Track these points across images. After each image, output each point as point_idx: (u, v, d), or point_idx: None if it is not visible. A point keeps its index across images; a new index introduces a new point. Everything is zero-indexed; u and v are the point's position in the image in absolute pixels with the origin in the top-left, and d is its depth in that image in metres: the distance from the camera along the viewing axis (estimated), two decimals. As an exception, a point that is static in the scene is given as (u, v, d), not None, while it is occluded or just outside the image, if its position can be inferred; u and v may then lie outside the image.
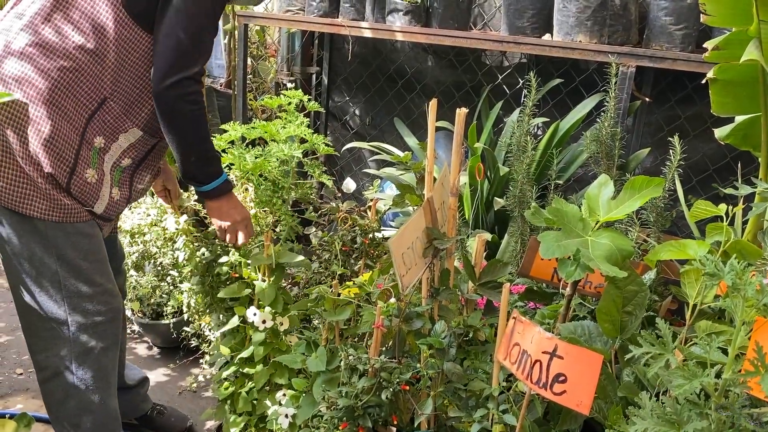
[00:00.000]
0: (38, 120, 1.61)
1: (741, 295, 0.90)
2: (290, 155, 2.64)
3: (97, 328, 1.78)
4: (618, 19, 2.57)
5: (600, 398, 1.39)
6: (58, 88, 1.62)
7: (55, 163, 1.63)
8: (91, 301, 1.76)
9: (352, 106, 3.90)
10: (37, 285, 1.72)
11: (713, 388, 0.93)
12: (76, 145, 1.67)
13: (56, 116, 1.62)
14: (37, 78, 1.61)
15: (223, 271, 1.93)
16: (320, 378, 1.64)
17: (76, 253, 1.71)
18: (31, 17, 1.62)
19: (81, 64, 1.63)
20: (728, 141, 1.89)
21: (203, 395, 2.60)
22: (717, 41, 1.74)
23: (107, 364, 1.84)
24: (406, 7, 2.97)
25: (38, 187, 1.63)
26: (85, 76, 1.65)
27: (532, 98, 2.40)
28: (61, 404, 1.82)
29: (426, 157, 1.58)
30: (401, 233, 1.40)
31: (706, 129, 2.77)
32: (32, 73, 1.61)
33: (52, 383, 1.81)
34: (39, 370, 1.82)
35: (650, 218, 2.02)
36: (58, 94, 1.62)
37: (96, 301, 1.77)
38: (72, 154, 1.66)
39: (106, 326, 1.80)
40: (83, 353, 1.78)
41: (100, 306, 1.77)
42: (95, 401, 1.83)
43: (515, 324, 1.33)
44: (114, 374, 1.90)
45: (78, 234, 1.71)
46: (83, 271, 1.73)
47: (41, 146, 1.61)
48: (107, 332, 1.81)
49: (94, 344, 1.78)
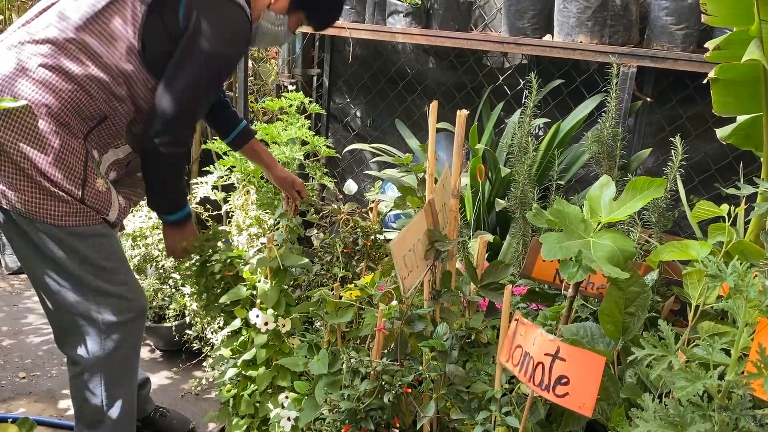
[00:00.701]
0: (48, 135, 1.64)
1: (743, 297, 0.89)
2: (291, 157, 2.65)
3: (127, 326, 1.84)
4: (619, 19, 2.56)
5: (603, 400, 1.38)
6: (68, 109, 1.66)
7: (68, 176, 1.67)
8: (118, 299, 1.81)
9: (353, 107, 3.90)
10: (64, 288, 1.76)
11: (716, 390, 0.93)
12: (83, 158, 1.70)
13: (63, 132, 1.66)
14: (50, 98, 1.64)
15: (216, 270, 1.94)
16: (322, 381, 1.63)
17: (97, 254, 1.75)
18: (49, 42, 1.65)
19: (91, 91, 1.68)
20: (730, 141, 1.89)
21: (205, 398, 2.60)
22: (718, 41, 1.74)
23: (133, 360, 1.93)
24: (406, 8, 2.97)
25: (53, 194, 1.66)
26: (93, 100, 1.69)
27: (533, 99, 2.40)
28: (87, 401, 1.87)
29: (427, 158, 1.58)
30: (403, 235, 1.39)
31: (707, 129, 2.77)
32: (46, 95, 1.64)
33: (81, 379, 1.86)
34: (71, 364, 1.88)
35: (652, 219, 2.01)
36: (66, 113, 1.66)
37: (123, 299, 1.82)
38: (81, 167, 1.70)
39: (134, 323, 1.87)
40: (113, 350, 1.83)
41: (128, 303, 1.83)
42: (119, 398, 1.89)
43: (517, 326, 1.33)
44: (136, 372, 1.99)
45: (96, 236, 1.75)
46: (107, 270, 1.78)
47: (53, 160, 1.64)
48: (135, 329, 1.89)
49: (122, 341, 1.84)
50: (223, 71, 1.82)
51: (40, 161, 1.63)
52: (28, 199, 1.65)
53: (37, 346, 2.90)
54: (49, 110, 1.63)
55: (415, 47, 3.54)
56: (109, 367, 1.85)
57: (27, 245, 1.72)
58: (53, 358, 2.81)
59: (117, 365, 1.86)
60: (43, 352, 2.86)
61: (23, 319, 3.13)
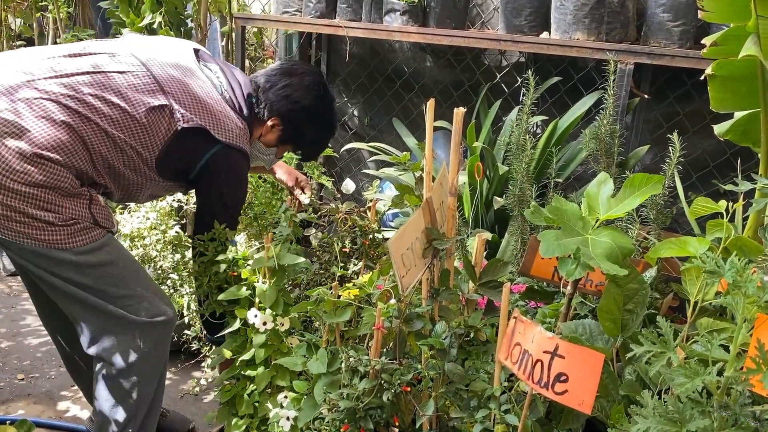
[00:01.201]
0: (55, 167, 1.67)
1: (742, 293, 0.89)
2: (289, 157, 2.64)
3: (164, 326, 1.87)
4: (616, 16, 2.56)
5: (602, 397, 1.38)
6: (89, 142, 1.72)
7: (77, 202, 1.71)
8: (152, 300, 1.84)
9: (350, 106, 3.90)
10: (87, 303, 1.77)
11: (715, 386, 0.93)
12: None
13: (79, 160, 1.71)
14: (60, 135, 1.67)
15: (221, 270, 1.94)
16: (321, 380, 1.63)
17: (112, 264, 1.78)
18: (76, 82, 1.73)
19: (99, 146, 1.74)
20: (728, 137, 1.88)
21: (205, 399, 2.59)
22: (715, 37, 1.73)
23: (164, 362, 1.96)
24: (403, 7, 2.97)
25: (51, 222, 1.66)
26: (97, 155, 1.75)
27: (531, 97, 2.40)
28: (117, 403, 1.88)
29: (425, 157, 1.58)
30: (400, 234, 1.39)
31: (705, 125, 2.77)
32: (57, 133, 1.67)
33: (112, 382, 1.87)
34: (101, 368, 1.88)
35: (650, 216, 2.01)
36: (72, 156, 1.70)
37: (157, 299, 1.86)
38: (85, 188, 1.75)
39: (169, 325, 1.90)
40: (147, 352, 1.85)
41: (161, 304, 1.87)
42: (151, 398, 1.92)
43: (516, 324, 1.33)
44: (165, 372, 2.01)
45: (104, 247, 1.77)
46: (130, 275, 1.82)
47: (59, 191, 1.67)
48: (168, 330, 1.92)
49: (157, 343, 1.88)
50: (238, 210, 2.05)
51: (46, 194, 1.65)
52: (28, 231, 1.65)
53: (35, 348, 2.90)
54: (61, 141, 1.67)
55: (413, 45, 3.54)
56: (141, 368, 1.86)
57: (39, 274, 1.74)
58: (52, 360, 2.80)
59: (148, 366, 1.88)
60: (42, 354, 2.85)
61: (21, 321, 3.12)
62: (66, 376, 2.68)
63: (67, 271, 1.72)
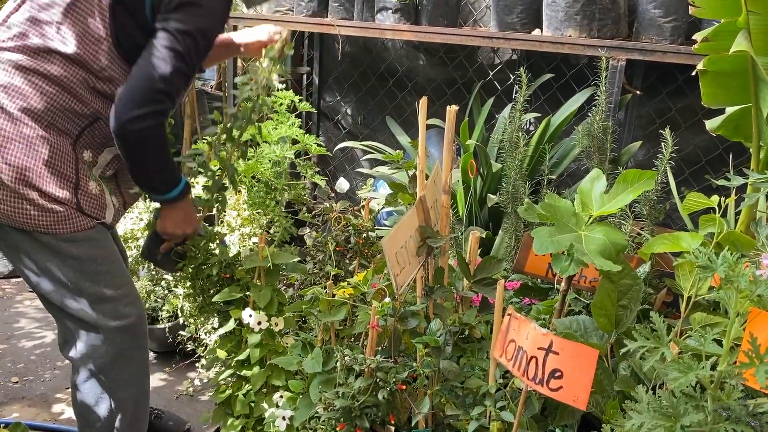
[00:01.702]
0: (35, 142, 1.61)
1: (734, 287, 0.90)
2: (282, 156, 2.64)
3: (128, 330, 1.82)
4: (607, 12, 2.57)
5: (597, 393, 1.39)
6: (53, 111, 1.63)
7: (60, 182, 1.65)
8: (117, 303, 1.79)
9: (343, 105, 3.89)
10: (63, 296, 1.74)
11: (709, 381, 0.93)
12: (73, 161, 1.68)
13: (52, 136, 1.64)
14: (33, 103, 1.61)
15: (214, 273, 1.93)
16: (317, 379, 1.63)
17: (91, 260, 1.73)
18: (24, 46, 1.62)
19: (74, 91, 1.64)
20: (719, 132, 1.89)
21: (200, 399, 2.59)
22: (706, 33, 1.74)
23: (139, 364, 1.90)
24: (395, 5, 2.97)
25: (43, 204, 1.63)
26: (79, 100, 1.66)
27: (523, 94, 2.40)
28: (93, 408, 1.85)
29: (418, 155, 1.58)
30: (394, 233, 1.39)
31: (697, 121, 2.77)
32: (29, 100, 1.61)
33: (85, 386, 1.84)
34: (74, 372, 1.86)
35: (644, 211, 2.02)
36: (52, 116, 1.63)
37: (122, 303, 1.80)
38: (72, 171, 1.68)
39: (135, 328, 1.84)
40: (117, 355, 1.81)
41: (127, 308, 1.81)
42: (128, 403, 1.88)
43: (510, 321, 1.33)
44: (146, 376, 1.95)
45: (89, 241, 1.72)
46: (103, 275, 1.75)
47: (43, 169, 1.62)
48: (138, 333, 1.86)
49: (125, 345, 1.82)
50: (207, 25, 1.67)
51: (28, 171, 1.60)
52: (14, 210, 1.62)
53: (29, 351, 2.88)
54: (34, 115, 1.61)
55: (405, 44, 3.53)
56: (113, 373, 1.83)
57: (21, 256, 1.70)
58: (46, 363, 2.79)
59: (122, 370, 1.84)
60: (36, 357, 2.84)
61: (15, 324, 3.11)
62: (60, 378, 2.67)
63: (48, 260, 1.69)
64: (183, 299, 2.47)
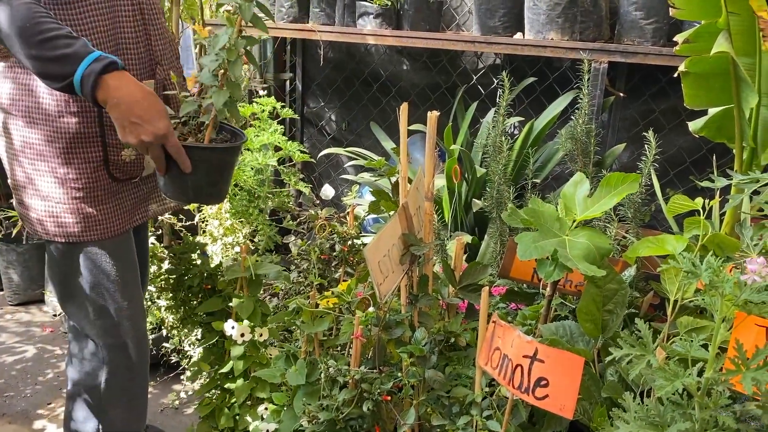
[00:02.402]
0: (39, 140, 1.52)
1: (719, 293, 0.88)
2: (264, 164, 2.61)
3: (126, 348, 1.75)
4: (589, 15, 2.56)
5: (584, 399, 1.37)
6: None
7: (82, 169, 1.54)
8: (118, 322, 1.71)
9: (327, 111, 3.87)
10: (71, 306, 1.70)
11: (695, 388, 0.92)
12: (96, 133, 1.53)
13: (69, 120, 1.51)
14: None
15: (195, 284, 1.89)
16: (301, 391, 1.60)
17: (103, 274, 1.65)
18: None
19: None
20: (702, 133, 1.89)
21: (185, 412, 2.55)
22: (687, 34, 1.73)
23: (137, 387, 1.83)
24: (376, 10, 2.95)
25: (65, 209, 1.57)
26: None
27: (506, 98, 2.39)
28: (81, 424, 1.80)
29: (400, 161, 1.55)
30: (377, 241, 1.37)
31: (681, 122, 2.78)
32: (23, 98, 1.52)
33: (80, 402, 1.79)
34: (71, 386, 1.81)
35: (628, 214, 2.01)
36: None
37: (123, 321, 1.71)
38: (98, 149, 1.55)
39: (135, 348, 1.76)
40: (114, 373, 1.75)
41: (127, 327, 1.73)
42: (117, 423, 1.82)
43: (495, 328, 1.31)
44: (144, 397, 1.88)
45: (105, 252, 1.63)
46: (110, 292, 1.67)
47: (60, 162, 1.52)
48: (138, 352, 1.78)
49: (126, 364, 1.76)
50: None
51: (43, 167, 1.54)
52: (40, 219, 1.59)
53: (10, 366, 2.83)
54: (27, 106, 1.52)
55: (388, 49, 3.52)
56: (107, 392, 1.77)
57: (46, 262, 1.68)
58: (27, 378, 2.74)
59: (117, 388, 1.78)
60: (17, 372, 2.79)
61: (-4, 339, 3.06)
62: (42, 394, 2.62)
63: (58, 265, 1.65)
64: (165, 311, 2.43)
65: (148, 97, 1.36)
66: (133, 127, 1.35)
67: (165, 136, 1.37)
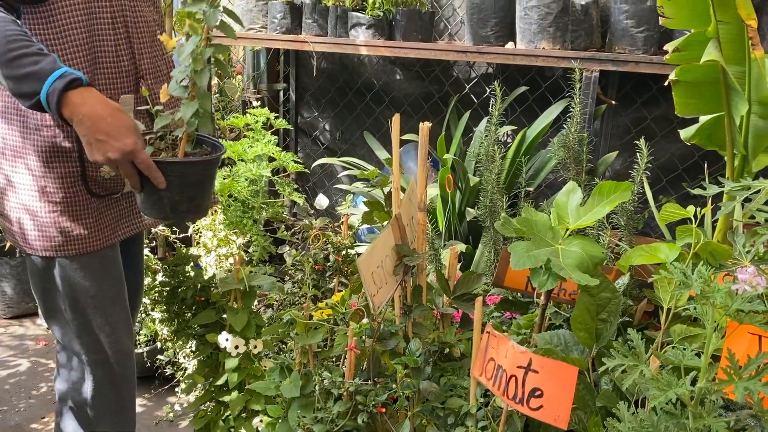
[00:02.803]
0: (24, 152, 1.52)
1: (710, 303, 0.88)
2: (258, 174, 2.61)
3: (108, 363, 1.72)
4: (580, 24, 2.58)
5: (579, 409, 1.36)
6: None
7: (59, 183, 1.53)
8: (99, 339, 1.68)
9: (321, 121, 3.87)
10: (53, 319, 1.68)
11: (689, 397, 0.92)
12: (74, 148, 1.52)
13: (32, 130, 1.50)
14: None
15: (188, 296, 1.89)
16: (295, 404, 1.60)
17: (82, 289, 1.62)
18: None
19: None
20: (694, 141, 1.89)
21: (180, 425, 2.53)
22: (677, 43, 1.74)
23: (123, 400, 1.79)
24: (368, 21, 2.96)
25: (43, 223, 1.55)
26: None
27: (498, 107, 2.39)
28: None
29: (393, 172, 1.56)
30: (370, 252, 1.37)
31: (673, 129, 2.79)
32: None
33: (68, 416, 1.77)
34: (58, 400, 1.79)
35: (621, 222, 2.01)
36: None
37: (104, 337, 1.68)
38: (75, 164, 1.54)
39: (118, 363, 1.73)
40: (98, 387, 1.72)
41: (108, 344, 1.69)
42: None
43: (489, 338, 1.31)
44: (131, 410, 1.85)
45: (85, 268, 1.61)
46: (90, 307, 1.64)
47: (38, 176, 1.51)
48: (122, 366, 1.75)
49: (109, 378, 1.73)
50: None
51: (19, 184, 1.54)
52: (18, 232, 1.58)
53: (3, 380, 2.81)
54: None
55: (381, 59, 3.53)
56: (96, 406, 1.74)
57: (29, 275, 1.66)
58: (20, 392, 2.72)
59: (105, 403, 1.75)
60: (10, 386, 2.77)
61: (-11, 353, 3.04)
62: (35, 408, 2.61)
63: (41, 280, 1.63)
64: (159, 323, 2.42)
65: (114, 113, 1.33)
66: (100, 144, 1.32)
67: (132, 153, 1.33)
